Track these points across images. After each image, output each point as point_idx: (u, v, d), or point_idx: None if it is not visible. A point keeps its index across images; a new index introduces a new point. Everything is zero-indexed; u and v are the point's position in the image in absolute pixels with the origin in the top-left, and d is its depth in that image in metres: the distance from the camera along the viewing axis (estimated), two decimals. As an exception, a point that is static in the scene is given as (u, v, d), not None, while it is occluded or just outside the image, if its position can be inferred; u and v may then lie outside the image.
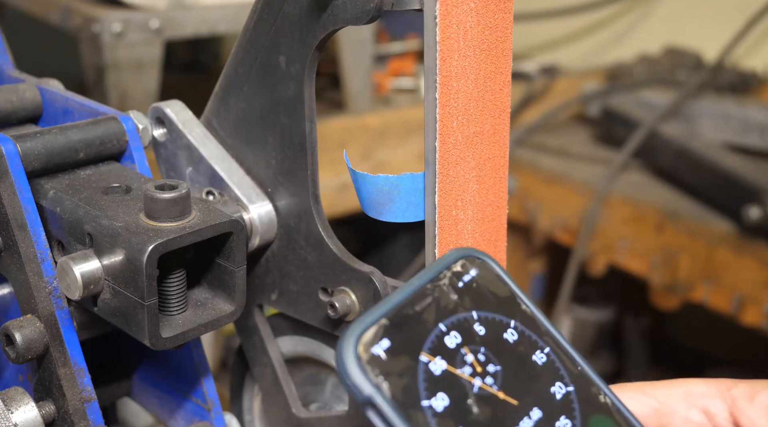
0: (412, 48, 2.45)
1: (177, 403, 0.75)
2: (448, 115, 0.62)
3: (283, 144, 0.70)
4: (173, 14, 1.74)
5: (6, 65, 0.84)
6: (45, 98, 0.77)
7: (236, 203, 0.73)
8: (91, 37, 1.67)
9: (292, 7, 0.65)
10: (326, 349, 0.77)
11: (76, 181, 0.68)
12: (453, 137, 0.64)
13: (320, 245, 0.70)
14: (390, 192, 0.65)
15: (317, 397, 0.81)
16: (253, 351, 0.80)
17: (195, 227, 0.61)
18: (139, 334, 0.61)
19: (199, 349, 0.73)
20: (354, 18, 0.62)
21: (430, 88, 0.61)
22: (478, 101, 0.65)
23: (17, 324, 0.64)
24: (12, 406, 0.64)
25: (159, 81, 1.74)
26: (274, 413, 0.81)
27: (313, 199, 0.70)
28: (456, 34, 0.61)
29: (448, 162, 0.64)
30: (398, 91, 2.29)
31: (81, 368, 0.65)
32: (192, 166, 0.75)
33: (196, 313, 0.65)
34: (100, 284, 0.61)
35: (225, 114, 0.74)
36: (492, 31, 0.65)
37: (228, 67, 0.72)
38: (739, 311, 1.79)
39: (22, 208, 0.63)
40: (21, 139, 0.65)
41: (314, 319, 0.73)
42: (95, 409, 0.66)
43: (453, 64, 0.62)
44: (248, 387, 0.86)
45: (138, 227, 0.60)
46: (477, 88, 0.65)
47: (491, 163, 0.69)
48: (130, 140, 0.71)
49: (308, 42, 0.65)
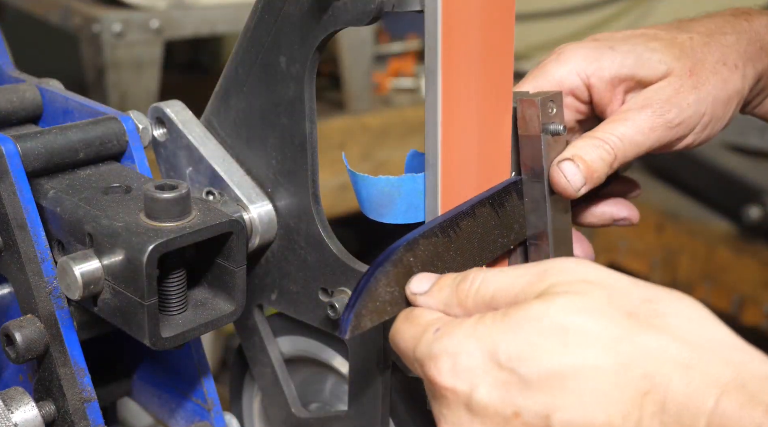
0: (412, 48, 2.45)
1: (177, 403, 0.75)
2: (450, 116, 0.62)
3: (283, 144, 0.70)
4: (173, 14, 1.74)
5: (6, 65, 0.84)
6: (45, 98, 0.77)
7: (236, 203, 0.73)
8: (91, 37, 1.67)
9: (292, 7, 0.65)
10: (326, 349, 0.77)
11: (76, 181, 0.68)
12: (454, 138, 0.64)
13: (320, 246, 0.70)
14: (390, 193, 0.65)
15: (317, 397, 0.81)
16: (252, 351, 0.80)
17: (195, 226, 0.61)
18: (139, 334, 0.61)
19: (199, 349, 0.73)
20: (355, 19, 0.61)
21: (431, 90, 0.61)
22: (479, 102, 0.65)
23: (17, 324, 0.64)
24: (12, 406, 0.64)
25: (159, 81, 1.74)
26: (273, 413, 0.81)
27: (313, 199, 0.70)
28: (457, 35, 0.61)
29: (449, 163, 0.64)
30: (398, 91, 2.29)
31: (81, 367, 0.65)
32: (192, 166, 0.75)
33: (196, 313, 0.65)
34: (100, 284, 0.61)
35: (225, 114, 0.74)
36: (493, 32, 0.65)
37: (228, 67, 0.72)
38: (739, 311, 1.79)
39: (22, 208, 0.63)
40: (21, 139, 0.65)
41: (314, 319, 0.73)
42: (95, 409, 0.66)
43: (454, 66, 0.62)
44: (248, 387, 0.86)
45: (138, 227, 0.60)
46: (478, 88, 0.65)
47: (493, 163, 0.69)
48: (130, 140, 0.71)
49: (309, 43, 0.65)
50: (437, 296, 0.59)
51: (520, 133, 0.70)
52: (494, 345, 0.53)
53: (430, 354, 0.55)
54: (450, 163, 0.64)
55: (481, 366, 0.53)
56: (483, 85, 0.65)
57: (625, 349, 0.50)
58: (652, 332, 0.50)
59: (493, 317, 0.54)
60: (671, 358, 0.49)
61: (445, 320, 0.57)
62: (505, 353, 0.52)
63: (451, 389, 0.54)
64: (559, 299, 0.53)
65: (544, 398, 0.51)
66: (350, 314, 0.58)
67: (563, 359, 0.51)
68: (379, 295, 0.59)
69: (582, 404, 0.50)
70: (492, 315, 0.54)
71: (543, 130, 0.69)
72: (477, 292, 0.57)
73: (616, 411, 0.50)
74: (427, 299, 0.59)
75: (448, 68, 0.61)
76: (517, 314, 0.53)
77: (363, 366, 0.71)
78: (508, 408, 0.52)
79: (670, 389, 0.49)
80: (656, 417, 0.49)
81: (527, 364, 0.51)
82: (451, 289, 0.58)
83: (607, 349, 0.50)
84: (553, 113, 0.70)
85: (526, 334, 0.52)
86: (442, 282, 0.59)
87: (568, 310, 0.52)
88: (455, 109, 0.63)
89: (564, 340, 0.51)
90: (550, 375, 0.51)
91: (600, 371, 0.50)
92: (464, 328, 0.55)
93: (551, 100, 0.70)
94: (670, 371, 0.49)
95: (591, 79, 0.75)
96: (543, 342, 0.51)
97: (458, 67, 0.62)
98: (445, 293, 0.59)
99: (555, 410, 0.51)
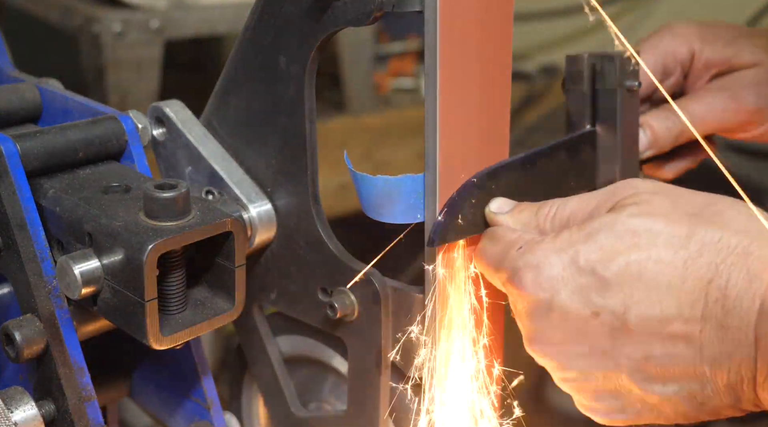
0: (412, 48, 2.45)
1: (177, 402, 0.75)
2: (449, 117, 0.62)
3: (283, 144, 0.70)
4: (173, 14, 1.73)
5: (6, 65, 0.84)
6: (45, 98, 0.77)
7: (236, 203, 0.73)
8: (91, 37, 1.67)
9: (292, 7, 0.65)
10: (325, 348, 0.77)
11: (76, 180, 0.68)
12: (454, 139, 0.64)
13: (320, 245, 0.70)
14: (390, 193, 0.65)
15: (316, 396, 0.81)
16: (252, 350, 0.80)
17: (194, 226, 0.61)
18: (139, 333, 0.61)
19: (199, 349, 0.73)
20: (355, 19, 0.61)
21: (430, 90, 0.61)
22: (478, 102, 0.65)
23: (17, 323, 0.64)
24: (12, 405, 0.64)
25: (159, 81, 1.74)
26: (273, 412, 0.81)
27: (312, 199, 0.70)
28: (456, 35, 0.61)
29: (449, 164, 0.64)
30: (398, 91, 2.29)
31: (81, 367, 0.65)
32: (191, 166, 0.75)
33: (195, 312, 0.65)
34: (100, 283, 0.61)
35: (225, 114, 0.74)
36: (492, 32, 0.65)
37: (228, 67, 0.72)
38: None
39: (22, 207, 0.63)
40: (21, 138, 0.65)
41: (313, 319, 0.73)
42: (95, 408, 0.66)
43: (453, 66, 0.62)
44: (247, 387, 0.86)
45: (137, 226, 0.60)
46: (477, 88, 0.65)
47: (492, 163, 0.69)
48: (129, 140, 0.71)
49: (309, 43, 0.65)
50: (517, 217, 0.64)
51: (597, 87, 0.75)
52: (574, 253, 0.58)
53: (514, 268, 0.60)
54: (449, 164, 0.64)
55: (562, 273, 0.58)
56: (482, 85, 0.65)
57: (691, 243, 0.55)
58: (714, 227, 0.55)
59: (570, 231, 0.59)
60: (732, 248, 0.54)
61: (527, 238, 0.61)
62: (584, 258, 0.57)
63: (534, 298, 0.59)
64: (629, 207, 0.58)
65: (620, 295, 0.56)
66: (438, 227, 0.63)
67: (636, 257, 0.56)
68: (464, 213, 0.64)
69: (654, 299, 0.55)
70: (569, 229, 0.59)
71: (620, 85, 0.74)
72: (555, 216, 0.63)
73: (685, 301, 0.54)
74: (506, 218, 0.64)
75: (447, 68, 0.61)
76: (593, 225, 0.59)
77: (362, 366, 0.71)
78: (587, 309, 0.57)
79: (731, 275, 0.53)
80: (719, 302, 0.53)
81: (604, 264, 0.57)
82: (530, 212, 0.64)
83: (674, 245, 0.55)
84: (630, 70, 0.74)
85: (602, 239, 0.57)
86: (522, 206, 0.65)
87: (637, 215, 0.57)
88: (455, 109, 0.63)
89: (635, 241, 0.56)
90: (625, 273, 0.56)
91: (669, 264, 0.55)
92: (545, 243, 0.60)
93: (630, 57, 0.74)
94: (731, 260, 0.54)
95: (695, 55, 0.82)
96: (617, 244, 0.57)
97: (458, 67, 0.62)
98: (524, 215, 0.64)
99: (630, 305, 0.56)
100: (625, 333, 0.56)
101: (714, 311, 0.54)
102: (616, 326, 0.57)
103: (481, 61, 0.64)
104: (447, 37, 0.60)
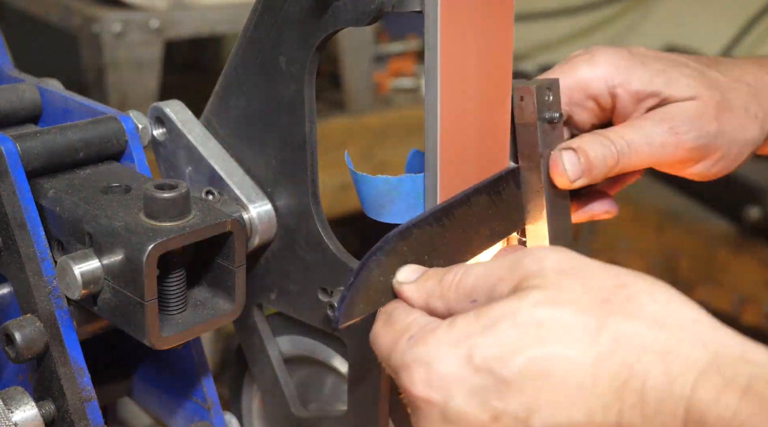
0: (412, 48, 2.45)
1: (177, 403, 0.75)
2: (449, 116, 0.62)
3: (283, 144, 0.70)
4: (173, 14, 1.73)
5: (6, 65, 0.84)
6: (45, 98, 0.77)
7: (236, 203, 0.73)
8: (91, 37, 1.67)
9: (292, 7, 0.65)
10: (325, 349, 0.77)
11: (76, 180, 0.68)
12: (454, 139, 0.64)
13: (319, 245, 0.70)
14: (390, 193, 0.65)
15: (316, 397, 0.81)
16: (252, 351, 0.80)
17: (195, 226, 0.61)
18: (139, 333, 0.61)
19: (199, 349, 0.73)
20: (355, 19, 0.62)
21: (430, 90, 0.61)
22: (478, 102, 0.65)
23: (17, 324, 0.64)
24: (12, 405, 0.64)
25: (159, 81, 1.74)
26: (273, 412, 0.81)
27: (312, 199, 0.70)
28: (456, 35, 0.61)
29: (448, 164, 0.64)
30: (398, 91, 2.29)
31: (81, 367, 0.65)
32: (192, 166, 0.75)
33: (195, 312, 0.65)
34: (100, 283, 0.61)
35: (225, 114, 0.74)
36: (492, 32, 0.65)
37: (228, 67, 0.73)
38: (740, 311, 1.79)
39: (22, 207, 0.63)
40: (21, 138, 0.65)
41: (313, 319, 0.73)
42: (95, 408, 0.66)
43: (454, 66, 0.62)
44: (247, 387, 0.86)
45: (137, 227, 0.60)
46: (478, 89, 0.65)
47: (492, 163, 0.69)
48: (129, 140, 0.71)
49: (309, 43, 0.65)
50: (422, 287, 0.58)
51: (517, 121, 0.69)
52: (469, 348, 0.51)
53: (403, 363, 0.53)
54: (449, 164, 0.64)
55: (456, 373, 0.51)
56: (483, 85, 0.65)
57: (602, 337, 0.49)
58: (627, 317, 0.49)
59: (466, 319, 0.52)
60: (648, 344, 0.48)
61: (420, 324, 0.55)
62: (481, 355, 0.50)
63: (425, 399, 0.52)
64: (533, 292, 0.51)
65: (522, 398, 0.49)
66: (343, 303, 0.57)
67: (541, 352, 0.49)
68: (372, 284, 0.58)
69: (561, 402, 0.49)
70: (464, 317, 0.53)
71: (539, 118, 0.68)
72: (458, 284, 0.56)
73: (596, 405, 0.48)
74: (411, 289, 0.58)
75: (447, 68, 0.61)
76: (491, 313, 0.51)
77: (362, 366, 0.71)
78: (485, 414, 0.50)
79: (649, 376, 0.47)
80: (636, 408, 0.47)
81: (504, 363, 0.50)
82: (435, 280, 0.57)
83: (583, 340, 0.49)
84: (549, 101, 0.69)
85: (501, 332, 0.50)
86: (429, 273, 0.58)
87: (542, 303, 0.50)
88: (455, 109, 0.63)
89: (540, 334, 0.50)
90: (527, 373, 0.49)
91: (578, 363, 0.49)
92: (438, 334, 0.53)
93: (548, 87, 0.69)
94: (647, 358, 0.48)
95: (617, 89, 0.74)
96: (519, 339, 0.50)
97: (458, 67, 0.62)
98: (429, 284, 0.57)
99: (534, 411, 0.49)
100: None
101: (632, 420, 0.47)
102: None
103: (481, 61, 0.64)
104: (447, 37, 0.60)
